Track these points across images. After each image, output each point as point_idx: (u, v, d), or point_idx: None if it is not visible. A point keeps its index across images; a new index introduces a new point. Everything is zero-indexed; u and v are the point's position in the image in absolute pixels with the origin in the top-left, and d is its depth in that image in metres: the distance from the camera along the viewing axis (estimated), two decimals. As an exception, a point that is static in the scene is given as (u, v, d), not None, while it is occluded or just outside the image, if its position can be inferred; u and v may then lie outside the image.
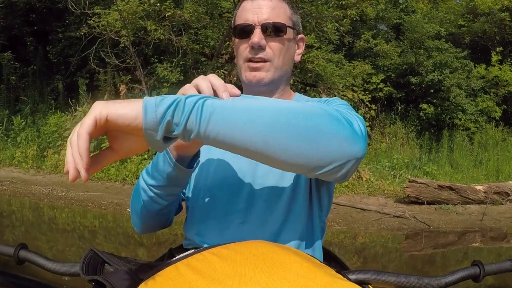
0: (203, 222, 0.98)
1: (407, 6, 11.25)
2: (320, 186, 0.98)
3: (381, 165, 7.65)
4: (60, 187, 6.59)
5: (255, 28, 0.96)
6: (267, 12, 0.97)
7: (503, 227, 5.87)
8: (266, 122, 0.65)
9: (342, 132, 0.71)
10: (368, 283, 0.74)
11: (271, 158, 0.68)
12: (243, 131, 0.65)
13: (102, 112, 0.61)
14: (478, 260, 0.79)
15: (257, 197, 0.96)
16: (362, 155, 0.74)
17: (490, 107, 9.88)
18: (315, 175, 0.73)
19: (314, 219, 0.97)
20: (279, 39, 0.98)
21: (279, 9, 0.98)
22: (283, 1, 1.01)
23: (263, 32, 0.96)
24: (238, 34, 1.00)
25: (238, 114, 0.65)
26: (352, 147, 0.71)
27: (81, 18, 8.87)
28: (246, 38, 0.98)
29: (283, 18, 0.99)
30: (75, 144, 0.59)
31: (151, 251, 4.41)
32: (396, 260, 4.87)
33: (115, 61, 8.34)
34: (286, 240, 0.93)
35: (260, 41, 0.95)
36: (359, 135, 0.74)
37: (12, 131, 8.35)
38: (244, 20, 0.98)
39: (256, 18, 0.96)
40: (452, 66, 9.71)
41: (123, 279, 0.69)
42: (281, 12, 0.99)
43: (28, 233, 4.94)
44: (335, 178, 0.75)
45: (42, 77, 10.15)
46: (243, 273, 0.55)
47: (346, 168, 0.73)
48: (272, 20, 0.96)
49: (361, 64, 9.58)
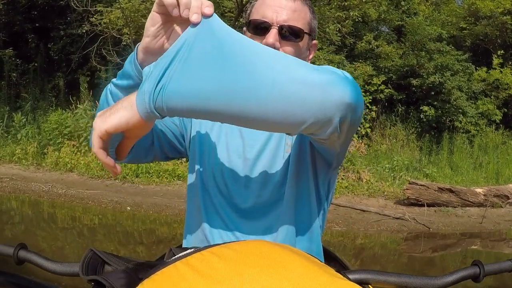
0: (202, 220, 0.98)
1: (409, 8, 11.25)
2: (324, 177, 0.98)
3: (381, 167, 7.66)
4: (60, 184, 6.60)
5: (271, 27, 0.92)
6: (288, 13, 0.92)
7: (503, 230, 5.87)
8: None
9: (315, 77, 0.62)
10: (368, 283, 0.74)
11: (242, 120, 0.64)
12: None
13: (101, 129, 0.64)
14: (478, 260, 0.79)
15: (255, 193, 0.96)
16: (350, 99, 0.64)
17: (490, 110, 9.88)
18: (300, 130, 0.65)
19: (314, 214, 0.97)
20: (294, 44, 0.94)
21: (299, 12, 0.94)
22: (305, 5, 0.96)
23: (279, 33, 0.92)
24: (253, 29, 0.94)
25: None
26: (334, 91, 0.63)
27: (83, 16, 8.89)
28: (260, 35, 0.93)
29: (302, 23, 0.94)
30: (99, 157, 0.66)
31: (151, 250, 4.42)
32: (395, 262, 4.87)
33: (117, 59, 8.34)
34: (286, 239, 0.93)
35: (274, 43, 0.90)
36: (341, 77, 0.65)
37: (12, 128, 8.35)
38: (261, 16, 0.93)
39: (275, 17, 0.92)
40: (453, 69, 9.71)
41: (122, 278, 0.69)
42: (301, 16, 0.94)
43: (27, 230, 4.95)
44: (326, 132, 0.68)
45: (43, 74, 10.16)
46: (243, 273, 0.55)
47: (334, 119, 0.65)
48: (291, 23, 0.92)
49: (363, 66, 9.59)
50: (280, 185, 0.95)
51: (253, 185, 0.97)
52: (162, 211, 5.69)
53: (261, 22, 0.93)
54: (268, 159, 0.97)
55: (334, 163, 0.96)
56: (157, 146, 1.01)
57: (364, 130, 9.22)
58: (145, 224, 5.45)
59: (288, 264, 0.57)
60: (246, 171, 0.98)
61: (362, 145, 8.51)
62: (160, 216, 5.61)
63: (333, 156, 0.92)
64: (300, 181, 0.95)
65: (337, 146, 0.85)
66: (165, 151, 1.04)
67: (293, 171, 0.94)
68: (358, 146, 8.31)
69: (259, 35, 0.93)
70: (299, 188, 0.95)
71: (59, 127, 7.75)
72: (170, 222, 5.42)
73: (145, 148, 0.98)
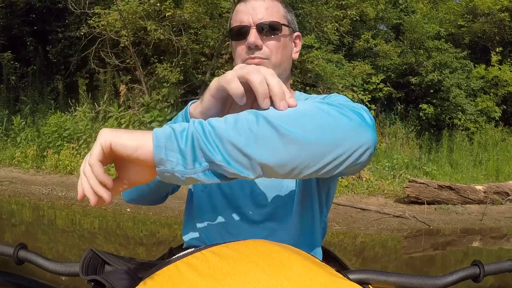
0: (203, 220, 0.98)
1: (407, 6, 11.26)
2: (323, 184, 0.98)
3: (381, 165, 7.66)
4: (59, 187, 6.59)
5: (250, 28, 0.96)
6: (261, 12, 0.97)
7: (503, 227, 5.87)
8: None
9: (346, 123, 0.67)
10: (368, 283, 0.74)
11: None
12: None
13: (106, 140, 0.60)
14: (478, 260, 0.79)
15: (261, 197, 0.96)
16: (372, 143, 0.70)
17: (489, 107, 9.88)
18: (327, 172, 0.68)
19: (315, 218, 0.97)
20: (275, 37, 0.98)
21: (272, 8, 0.99)
22: (275, 1, 1.01)
23: (258, 32, 0.96)
24: (235, 36, 1.00)
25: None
26: (360, 135, 0.68)
27: (81, 18, 8.87)
28: (243, 39, 0.98)
29: (278, 16, 0.99)
30: (90, 174, 0.60)
31: (151, 250, 4.42)
32: (396, 260, 4.87)
33: (115, 61, 8.34)
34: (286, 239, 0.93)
35: (256, 41, 0.95)
36: (367, 123, 0.70)
37: (12, 131, 8.34)
38: (239, 22, 0.99)
39: (251, 19, 0.97)
40: (452, 66, 9.72)
41: (123, 278, 0.69)
42: (274, 11, 0.99)
43: (28, 233, 4.94)
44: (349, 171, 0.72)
45: (42, 77, 10.14)
46: (243, 272, 0.55)
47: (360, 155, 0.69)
48: (266, 20, 0.97)
49: (361, 64, 9.59)
50: (287, 189, 0.96)
51: (260, 187, 0.97)
52: (162, 212, 5.68)
53: (240, 27, 0.98)
54: None
55: None
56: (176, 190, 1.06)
57: (363, 129, 9.20)
58: (145, 225, 5.44)
59: (288, 264, 0.57)
60: None
61: (361, 144, 8.49)
62: (160, 217, 5.61)
63: None
64: (305, 185, 0.96)
65: None
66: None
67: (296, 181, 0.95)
68: (358, 145, 8.29)
69: (241, 39, 0.98)
70: (304, 193, 0.96)
71: (59, 129, 7.75)
72: (170, 224, 5.41)
73: (162, 197, 1.04)
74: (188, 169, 0.60)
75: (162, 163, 0.59)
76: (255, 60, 0.96)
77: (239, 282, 0.53)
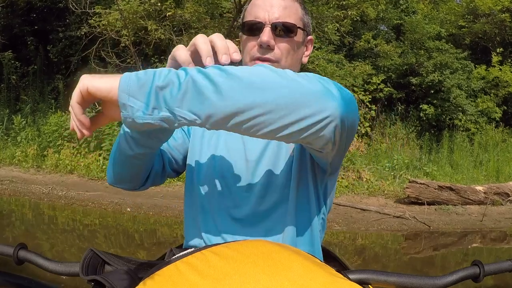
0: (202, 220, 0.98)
1: (408, 7, 11.25)
2: (321, 182, 0.98)
3: (381, 166, 7.66)
4: (60, 186, 6.59)
5: (265, 26, 0.93)
6: (279, 11, 0.94)
7: (503, 228, 5.87)
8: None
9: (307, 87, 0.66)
10: (368, 283, 0.74)
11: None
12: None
13: (84, 84, 0.67)
14: (478, 260, 0.79)
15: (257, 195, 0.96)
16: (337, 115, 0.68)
17: (490, 108, 9.88)
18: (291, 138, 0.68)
19: (312, 218, 0.97)
20: (288, 40, 0.95)
21: (290, 8, 0.96)
22: (295, 1, 0.98)
23: (272, 31, 0.93)
24: (247, 31, 0.96)
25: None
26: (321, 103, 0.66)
27: (82, 18, 8.88)
28: (255, 35, 0.95)
29: (294, 18, 0.96)
30: (72, 114, 0.70)
31: (151, 251, 4.42)
32: (396, 261, 4.86)
33: (116, 61, 8.34)
34: (286, 239, 0.93)
35: (269, 41, 0.92)
36: (332, 94, 0.68)
37: (12, 130, 8.35)
38: (254, 16, 0.95)
39: (267, 16, 0.93)
40: (453, 67, 9.71)
41: (122, 278, 0.69)
42: (292, 12, 0.96)
43: (28, 232, 4.94)
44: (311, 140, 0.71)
45: (43, 77, 10.16)
46: (243, 272, 0.55)
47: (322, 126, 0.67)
48: (283, 20, 0.94)
49: (362, 65, 9.58)
50: (283, 187, 0.95)
51: (256, 186, 0.96)
52: (162, 212, 5.69)
53: (254, 22, 0.95)
54: (271, 160, 0.97)
55: (328, 170, 0.96)
56: (169, 169, 1.08)
57: (364, 129, 9.22)
58: (145, 225, 5.45)
59: (288, 264, 0.57)
60: (249, 173, 0.97)
61: (362, 144, 8.51)
62: (160, 217, 5.61)
63: (326, 164, 0.93)
64: (301, 183, 0.95)
65: (330, 158, 0.87)
66: (175, 168, 1.10)
67: (296, 173, 0.95)
68: (358, 145, 8.32)
69: (253, 35, 0.95)
70: (300, 191, 0.95)
71: (59, 129, 7.75)
72: (171, 223, 5.42)
73: (159, 174, 1.05)
74: (146, 115, 0.65)
75: (125, 108, 0.65)
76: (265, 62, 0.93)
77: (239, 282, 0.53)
